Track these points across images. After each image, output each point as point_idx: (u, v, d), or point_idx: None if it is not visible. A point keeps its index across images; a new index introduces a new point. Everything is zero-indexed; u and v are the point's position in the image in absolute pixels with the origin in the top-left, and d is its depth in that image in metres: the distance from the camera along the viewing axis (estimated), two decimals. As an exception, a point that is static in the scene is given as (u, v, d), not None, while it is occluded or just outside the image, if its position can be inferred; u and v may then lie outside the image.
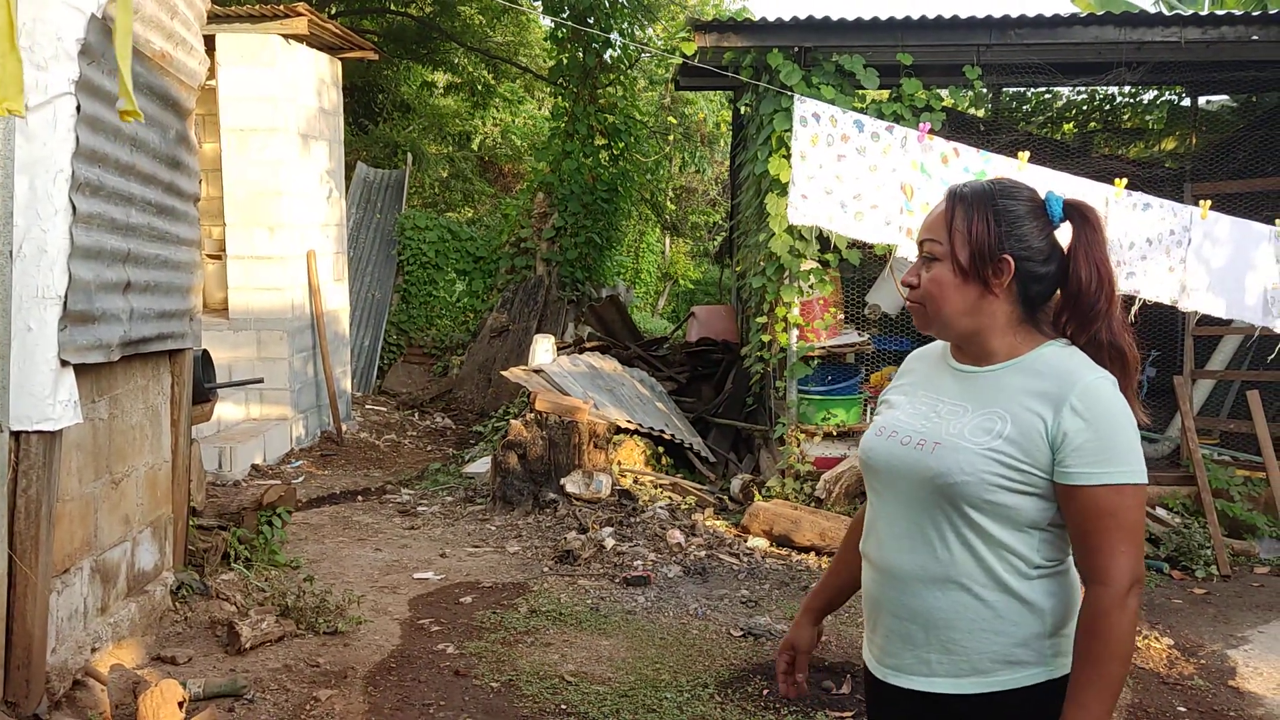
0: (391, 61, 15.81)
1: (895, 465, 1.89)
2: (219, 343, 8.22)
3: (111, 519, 4.14)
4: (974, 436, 1.81)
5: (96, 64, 3.60)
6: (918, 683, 1.86)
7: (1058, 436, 1.76)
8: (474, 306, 12.10)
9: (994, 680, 1.81)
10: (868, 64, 7.18)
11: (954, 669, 1.83)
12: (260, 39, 8.30)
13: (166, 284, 4.41)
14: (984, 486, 1.77)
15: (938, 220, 1.89)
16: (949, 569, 1.82)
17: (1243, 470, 6.96)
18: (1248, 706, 4.30)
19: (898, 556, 1.88)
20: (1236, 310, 6.44)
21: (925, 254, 1.89)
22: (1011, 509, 1.78)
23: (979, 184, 1.91)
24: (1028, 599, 1.80)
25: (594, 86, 11.90)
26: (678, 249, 21.31)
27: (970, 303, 1.86)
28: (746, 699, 4.16)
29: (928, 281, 1.88)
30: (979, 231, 1.84)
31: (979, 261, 1.83)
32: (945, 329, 1.91)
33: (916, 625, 1.85)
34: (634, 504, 6.74)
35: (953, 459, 1.80)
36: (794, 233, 7.14)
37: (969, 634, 1.81)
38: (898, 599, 1.88)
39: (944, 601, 1.82)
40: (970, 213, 1.85)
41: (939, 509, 1.82)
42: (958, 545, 1.81)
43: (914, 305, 1.93)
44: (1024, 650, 1.80)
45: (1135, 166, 8.82)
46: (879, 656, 1.94)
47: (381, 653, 4.52)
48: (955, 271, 1.85)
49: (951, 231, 1.85)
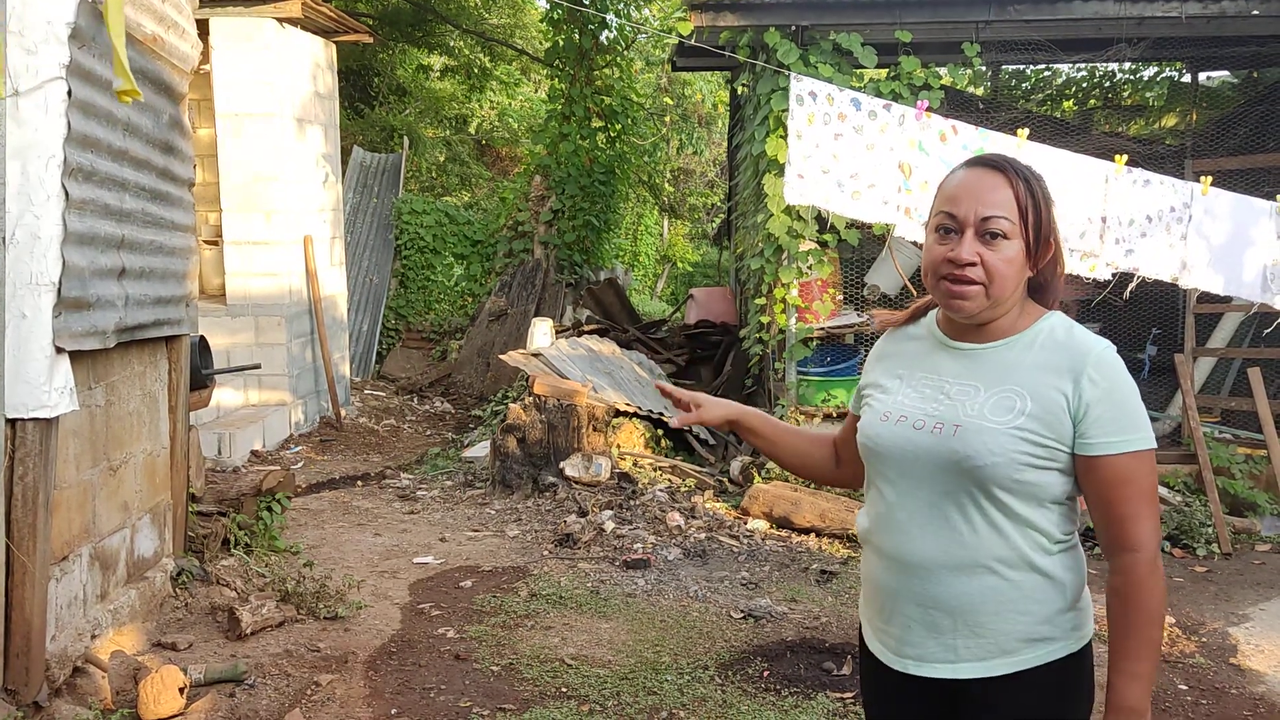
0: (387, 45, 15.72)
1: (911, 451, 1.84)
2: (217, 329, 8.20)
3: (110, 506, 4.13)
4: (996, 416, 1.79)
5: (87, 48, 3.57)
6: (942, 670, 1.84)
7: (1079, 409, 1.76)
8: (472, 290, 12.08)
9: (1020, 659, 1.81)
10: (865, 42, 7.13)
11: (982, 652, 1.81)
12: (254, 22, 8.25)
13: (162, 269, 4.39)
14: (1013, 466, 1.76)
15: (1000, 197, 1.80)
16: (975, 553, 1.80)
17: (1244, 448, 6.96)
18: (1249, 684, 4.30)
19: (920, 545, 1.84)
20: (1235, 287, 6.43)
21: (989, 230, 1.79)
22: (1037, 486, 1.78)
23: (1020, 162, 1.87)
24: (1052, 574, 1.81)
25: (590, 68, 11.84)
26: (676, 231, 21.27)
27: (1021, 280, 1.84)
28: (747, 680, 4.16)
29: (1000, 261, 1.79)
30: (1042, 212, 1.82)
31: (1038, 242, 1.82)
32: (995, 309, 1.83)
33: (942, 612, 1.82)
34: (633, 487, 6.73)
35: (979, 441, 1.77)
36: (792, 213, 7.11)
37: (997, 615, 1.80)
38: (920, 588, 1.84)
39: (972, 586, 1.80)
40: (1034, 191, 1.82)
41: (965, 492, 1.80)
42: (985, 527, 1.79)
43: (971, 286, 1.80)
44: (1048, 627, 1.81)
45: (1136, 143, 8.79)
46: (895, 648, 1.90)
47: (382, 637, 4.52)
48: (1025, 251, 1.82)
49: (1023, 209, 1.80)
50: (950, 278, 1.81)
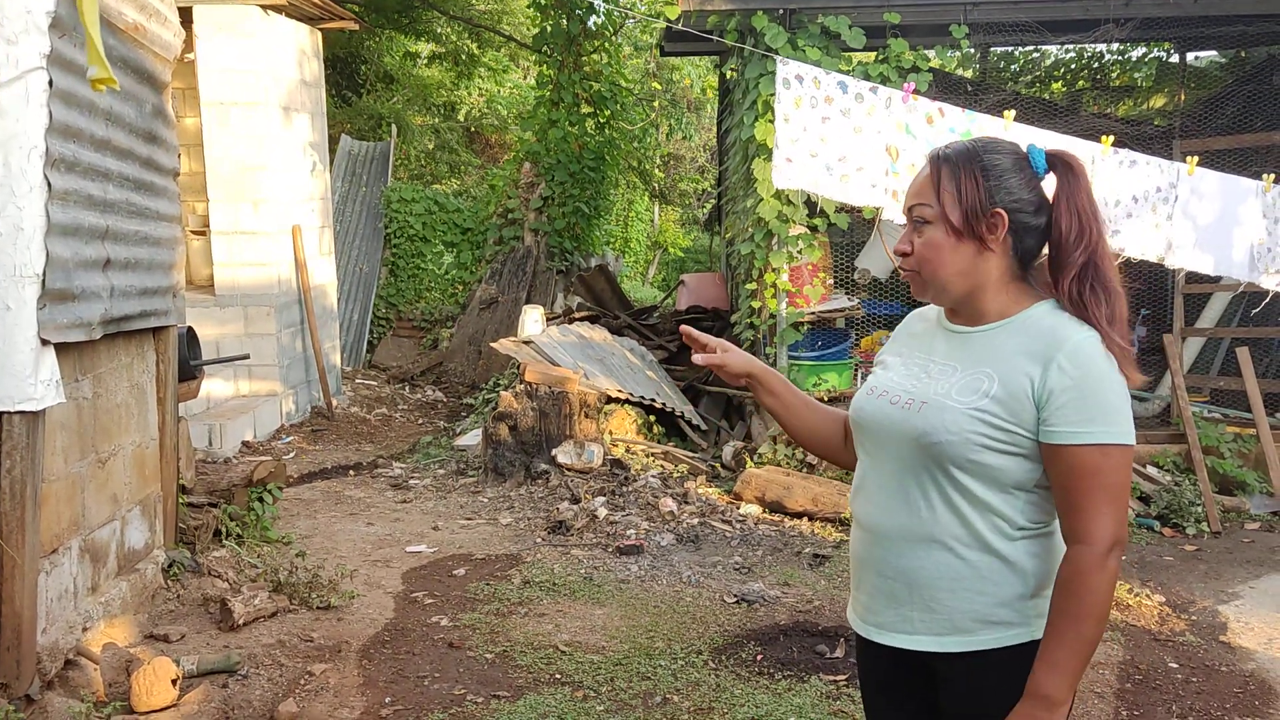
0: (373, 32, 15.62)
1: (883, 424, 1.90)
2: (206, 319, 8.17)
3: (99, 498, 4.11)
4: (960, 396, 1.81)
5: (68, 37, 3.53)
6: (900, 639, 1.89)
7: (1043, 395, 1.75)
8: (462, 278, 12.04)
9: (975, 640, 1.82)
10: (854, 24, 7.10)
11: (935, 627, 1.84)
12: (238, 10, 8.18)
13: (148, 260, 4.36)
14: (968, 446, 1.77)
15: (924, 184, 1.87)
16: (932, 528, 1.82)
17: (1233, 427, 6.98)
18: (1239, 661, 4.32)
19: (884, 516, 1.89)
20: (1223, 266, 6.43)
21: (915, 218, 1.87)
22: (996, 469, 1.78)
23: (960, 144, 1.89)
24: (1010, 559, 1.81)
25: (578, 54, 11.78)
26: (667, 217, 21.23)
27: (966, 262, 1.84)
28: (740, 665, 4.17)
29: (921, 246, 1.86)
30: (968, 189, 1.82)
31: (972, 219, 1.82)
32: (942, 293, 1.89)
33: (900, 584, 1.87)
34: (626, 473, 6.73)
35: (937, 418, 1.80)
36: (782, 198, 7.09)
37: (950, 593, 1.82)
38: (883, 557, 1.89)
39: (927, 561, 1.83)
40: (956, 171, 1.84)
41: (924, 468, 1.83)
42: (941, 505, 1.82)
43: (910, 273, 1.91)
44: (1006, 610, 1.81)
45: (1124, 124, 8.79)
46: (862, 614, 1.97)
47: (375, 626, 4.52)
48: (949, 232, 1.84)
49: (940, 193, 1.84)
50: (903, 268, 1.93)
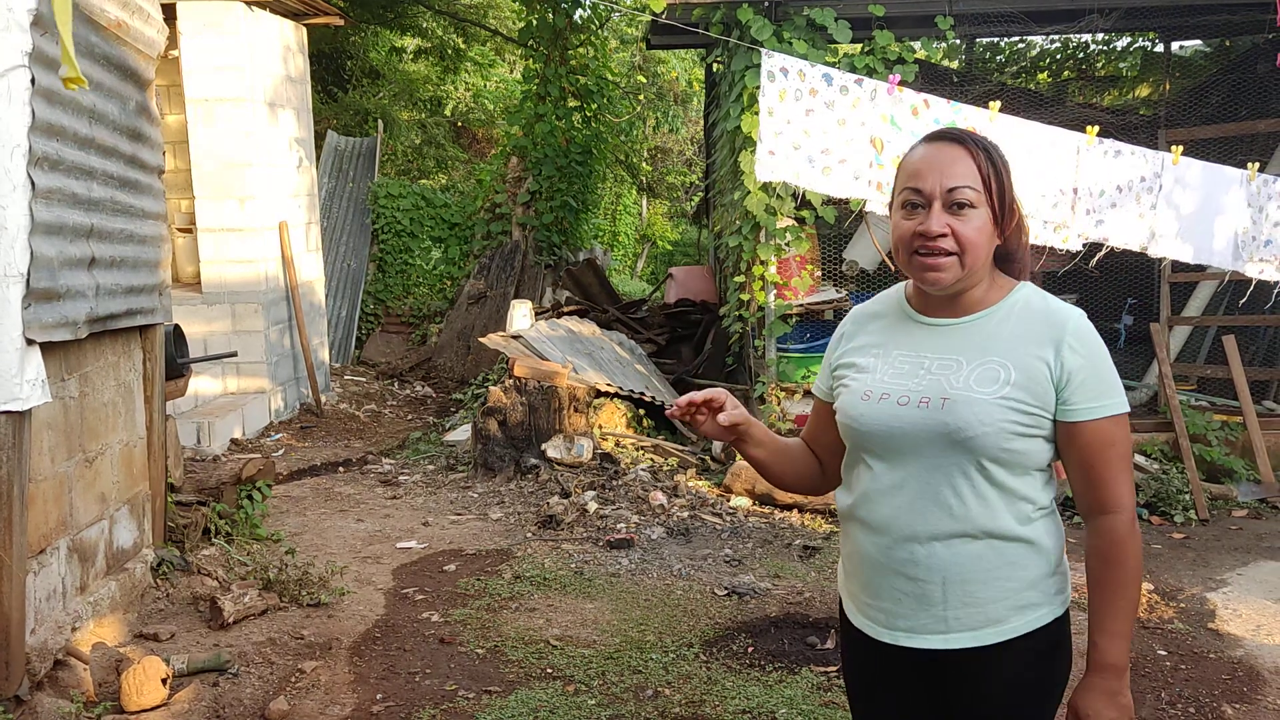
0: (358, 27, 15.55)
1: (899, 427, 1.85)
2: (193, 317, 8.13)
3: (87, 498, 4.10)
4: (982, 387, 1.81)
5: (50, 35, 3.51)
6: (934, 641, 1.86)
7: (1062, 377, 1.80)
8: (450, 274, 12.02)
9: (1009, 628, 1.84)
10: (839, 16, 7.10)
11: (973, 622, 1.84)
12: (222, 6, 8.14)
13: (133, 258, 4.34)
14: (1002, 435, 1.79)
15: (964, 168, 1.81)
16: (964, 524, 1.82)
17: (1220, 415, 7.02)
18: (1227, 648, 4.35)
19: (911, 518, 1.85)
20: (1206, 255, 6.46)
21: (956, 201, 1.80)
22: (1024, 454, 1.81)
23: (976, 133, 1.88)
24: (1034, 540, 1.85)
25: (564, 48, 11.76)
26: (654, 210, 21.21)
27: (991, 249, 1.86)
28: (731, 657, 4.18)
29: (972, 231, 1.81)
30: (1006, 178, 1.85)
31: (1004, 208, 1.85)
32: (971, 277, 1.85)
33: (934, 584, 1.84)
34: (616, 467, 6.74)
35: (969, 412, 1.79)
36: (769, 190, 7.09)
37: (986, 584, 1.83)
38: (910, 560, 1.85)
39: (962, 556, 1.83)
40: (993, 159, 1.84)
41: (955, 464, 1.82)
42: (973, 498, 1.82)
43: (945, 258, 1.81)
44: (1034, 592, 1.85)
45: (1110, 114, 8.81)
46: (886, 621, 1.91)
47: (366, 623, 4.52)
48: (993, 219, 1.84)
49: (986, 179, 1.82)
50: (923, 250, 1.83)
